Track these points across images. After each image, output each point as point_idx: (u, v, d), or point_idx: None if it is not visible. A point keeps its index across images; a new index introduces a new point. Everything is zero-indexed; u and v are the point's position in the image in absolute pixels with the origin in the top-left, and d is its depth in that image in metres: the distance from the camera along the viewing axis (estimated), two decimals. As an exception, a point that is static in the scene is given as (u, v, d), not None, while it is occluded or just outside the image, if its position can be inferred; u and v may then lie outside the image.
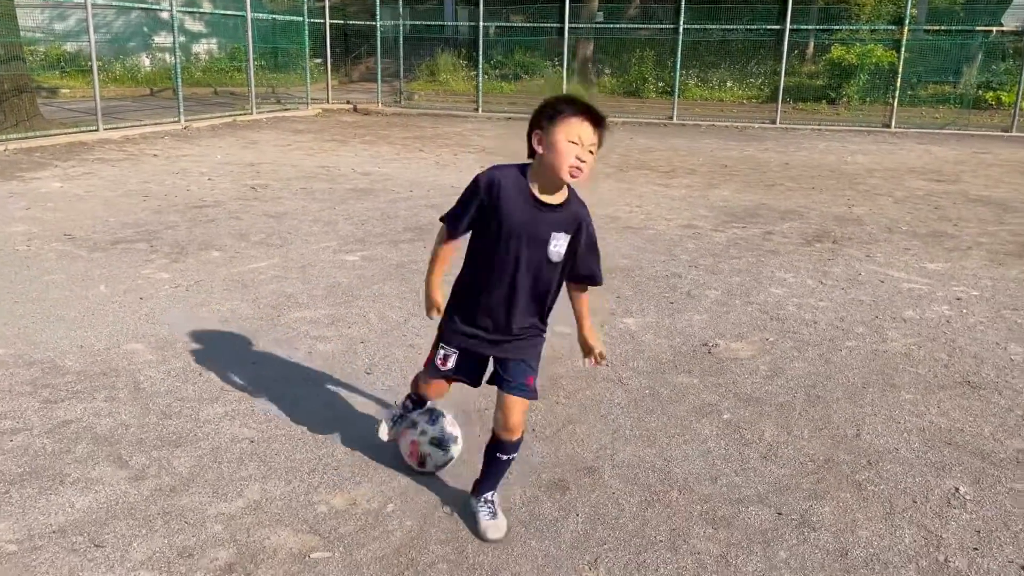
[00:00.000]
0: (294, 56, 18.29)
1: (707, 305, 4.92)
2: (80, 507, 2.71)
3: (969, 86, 18.23)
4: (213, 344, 4.14)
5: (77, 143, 11.22)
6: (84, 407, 3.40)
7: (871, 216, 7.59)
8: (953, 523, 2.73)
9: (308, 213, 7.16)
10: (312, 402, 3.51)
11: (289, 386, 3.67)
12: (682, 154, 11.72)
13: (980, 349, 4.30)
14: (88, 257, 5.63)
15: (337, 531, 2.62)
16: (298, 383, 3.70)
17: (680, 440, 3.26)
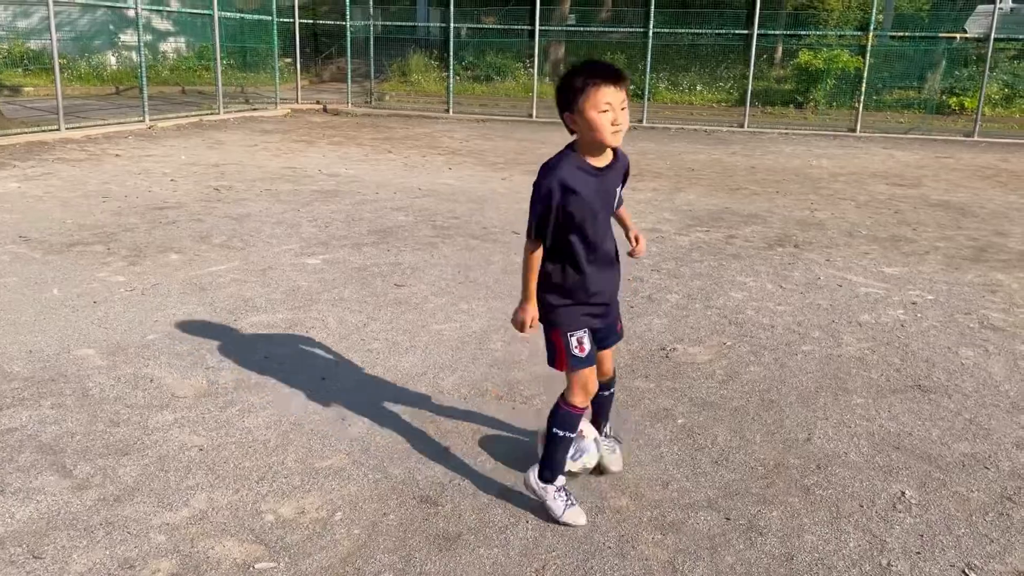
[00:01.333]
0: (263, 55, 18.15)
1: (667, 309, 4.95)
2: (20, 517, 2.66)
3: (933, 91, 18.52)
4: (166, 349, 4.08)
5: (37, 143, 11.03)
6: (29, 414, 3.34)
7: (833, 220, 7.67)
8: (897, 527, 2.76)
9: (271, 215, 7.10)
10: (265, 409, 3.48)
11: (242, 392, 3.63)
12: (650, 157, 11.78)
13: (932, 353, 4.36)
14: (43, 260, 5.53)
15: (283, 540, 2.59)
16: (252, 389, 3.66)
17: (634, 445, 3.27)
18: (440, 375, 3.89)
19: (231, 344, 4.18)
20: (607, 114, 2.48)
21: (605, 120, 2.49)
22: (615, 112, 2.49)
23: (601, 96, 2.47)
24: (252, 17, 18.16)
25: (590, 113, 2.49)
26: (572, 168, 2.57)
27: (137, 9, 13.43)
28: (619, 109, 2.50)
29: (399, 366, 3.97)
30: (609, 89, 2.48)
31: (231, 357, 4.01)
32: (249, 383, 3.72)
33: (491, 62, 22.42)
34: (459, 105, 17.67)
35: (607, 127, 2.49)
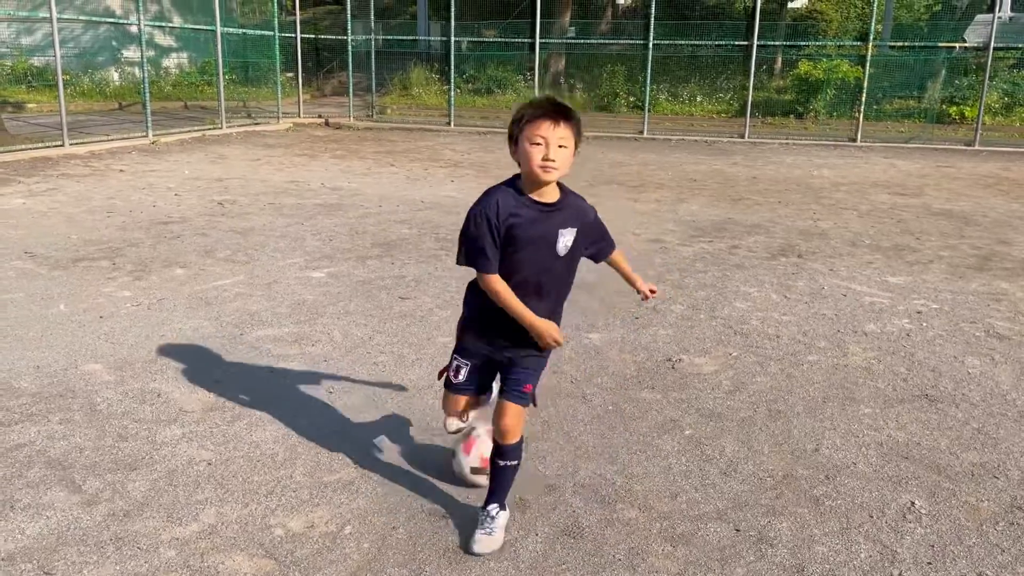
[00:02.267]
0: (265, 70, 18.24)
1: (672, 320, 4.95)
2: (30, 533, 2.66)
3: (933, 101, 18.58)
4: (173, 364, 4.09)
5: (42, 159, 11.08)
6: (38, 430, 3.34)
7: (836, 230, 7.68)
8: (908, 537, 2.76)
9: (275, 229, 7.12)
10: (273, 423, 3.48)
11: (249, 406, 3.63)
12: (652, 168, 11.81)
13: (939, 362, 4.36)
14: (48, 275, 5.55)
15: (293, 555, 2.59)
16: (259, 403, 3.66)
17: (642, 457, 3.27)
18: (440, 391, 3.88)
19: (238, 358, 4.18)
20: (539, 147, 2.48)
21: (535, 152, 2.48)
22: (548, 148, 2.47)
23: (536, 129, 2.48)
24: (254, 32, 18.27)
25: (523, 141, 2.50)
26: (513, 197, 2.56)
27: (140, 25, 13.51)
28: (554, 146, 2.47)
29: (406, 378, 3.98)
30: (545, 123, 2.48)
31: (238, 371, 4.02)
32: (256, 397, 3.72)
33: (492, 75, 22.52)
34: (460, 118, 17.74)
35: (535, 158, 2.48)
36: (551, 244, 2.61)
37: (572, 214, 2.65)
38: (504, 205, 2.54)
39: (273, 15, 17.41)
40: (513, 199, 2.56)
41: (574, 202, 2.69)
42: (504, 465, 2.70)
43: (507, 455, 2.68)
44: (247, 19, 23.93)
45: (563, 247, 2.63)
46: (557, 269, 2.66)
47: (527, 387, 2.69)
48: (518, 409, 2.67)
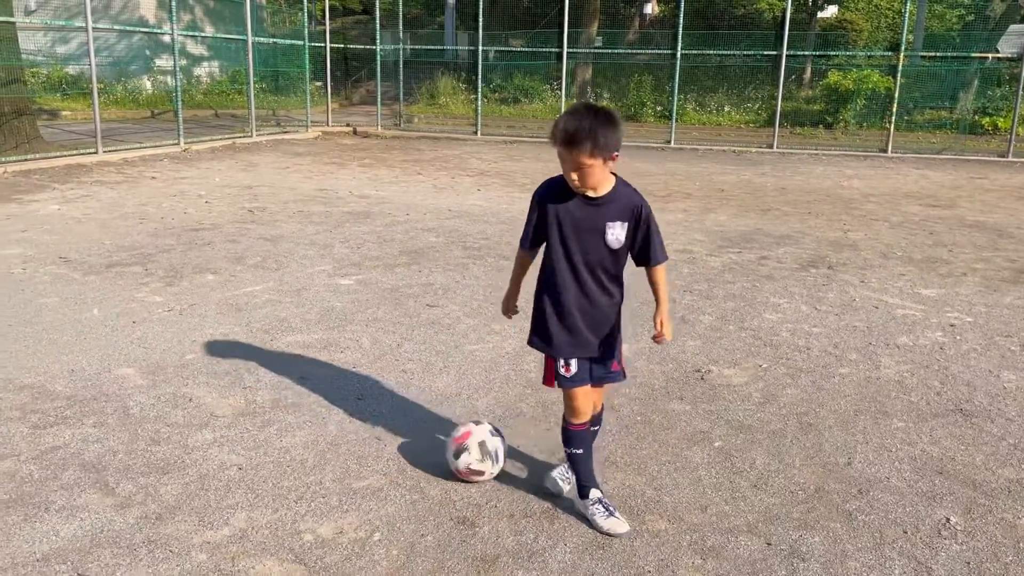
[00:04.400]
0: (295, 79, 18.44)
1: (701, 331, 4.92)
2: (65, 535, 2.69)
3: (965, 111, 18.35)
4: (204, 369, 4.13)
5: (76, 165, 11.27)
6: (72, 433, 3.39)
7: (866, 241, 7.60)
8: (943, 554, 2.71)
9: (304, 236, 7.18)
10: (302, 428, 3.50)
11: (280, 412, 3.65)
12: (679, 178, 11.76)
13: (973, 376, 4.29)
14: (82, 280, 5.63)
15: (323, 560, 2.60)
16: (289, 409, 3.69)
17: (671, 468, 3.25)
18: (475, 396, 3.90)
19: (268, 364, 4.22)
20: (565, 166, 2.64)
21: (566, 171, 2.65)
22: (570, 169, 2.62)
23: (560, 154, 2.63)
24: (284, 42, 18.48)
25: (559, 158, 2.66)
26: (560, 186, 2.72)
27: (173, 35, 13.72)
28: (572, 168, 2.61)
29: (434, 387, 3.98)
30: (563, 151, 2.61)
31: (268, 377, 4.05)
32: (286, 403, 3.75)
33: (518, 84, 22.59)
34: (487, 127, 17.80)
35: (568, 176, 2.65)
36: (599, 234, 2.72)
37: (622, 207, 2.73)
38: (549, 193, 2.75)
39: (303, 25, 17.61)
40: (560, 188, 2.72)
41: (626, 196, 2.75)
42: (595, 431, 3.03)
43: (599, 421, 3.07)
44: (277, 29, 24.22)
45: (614, 239, 2.73)
46: (611, 262, 2.77)
47: (615, 367, 2.93)
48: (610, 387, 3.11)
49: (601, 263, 2.77)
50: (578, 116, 2.60)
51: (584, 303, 2.80)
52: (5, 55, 11.67)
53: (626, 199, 2.74)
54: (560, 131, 2.61)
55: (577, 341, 2.82)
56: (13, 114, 11.86)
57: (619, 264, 2.81)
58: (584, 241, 2.74)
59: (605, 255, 2.75)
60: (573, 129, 2.58)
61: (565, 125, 2.60)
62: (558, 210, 2.73)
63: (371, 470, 3.16)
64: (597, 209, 2.71)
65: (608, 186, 2.72)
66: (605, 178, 2.68)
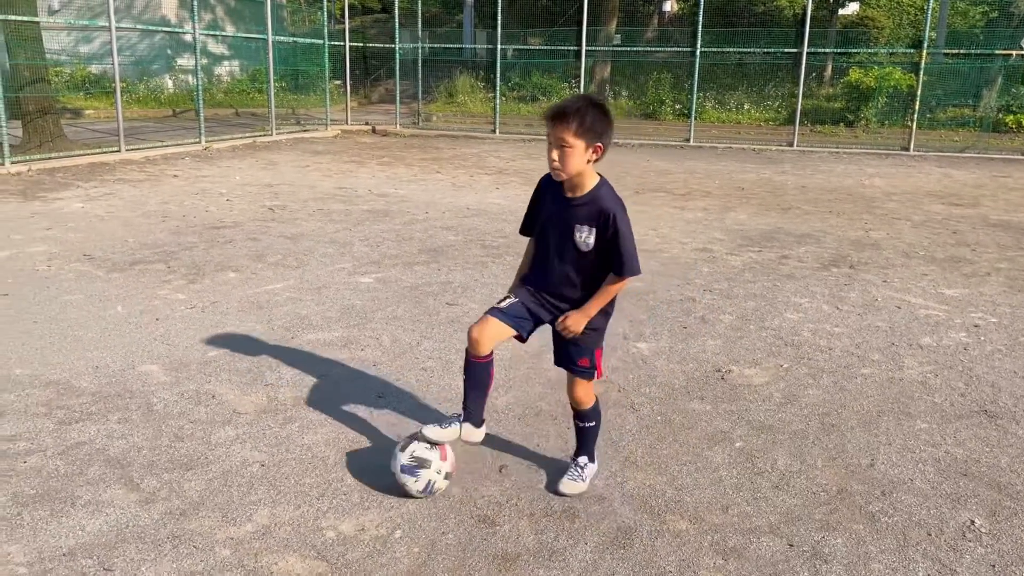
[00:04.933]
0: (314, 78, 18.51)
1: (721, 330, 4.90)
2: (90, 530, 2.72)
3: (989, 109, 18.14)
4: (227, 366, 4.16)
5: (99, 164, 11.38)
6: (97, 429, 3.43)
7: (888, 240, 7.54)
8: (968, 556, 2.69)
9: (324, 234, 7.22)
10: (323, 426, 3.52)
11: (301, 409, 3.68)
12: (698, 176, 11.71)
13: (998, 378, 4.24)
14: (106, 277, 5.69)
15: (344, 557, 2.61)
16: (310, 406, 3.71)
17: (692, 468, 3.24)
18: (495, 394, 3.89)
19: (289, 361, 4.24)
20: (549, 147, 2.70)
21: (548, 150, 2.70)
22: (552, 149, 2.68)
23: (547, 132, 2.71)
24: (304, 41, 18.56)
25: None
26: (549, 182, 2.84)
27: (195, 34, 13.82)
28: (554, 146, 2.67)
29: (454, 385, 3.99)
30: (547, 124, 2.69)
31: (289, 374, 4.07)
32: (308, 400, 3.77)
33: (537, 82, 22.57)
34: (505, 125, 17.80)
35: (548, 157, 2.71)
36: (568, 235, 2.78)
37: (593, 211, 2.75)
38: (545, 183, 2.88)
39: (322, 24, 17.68)
40: (551, 185, 2.83)
41: (600, 200, 2.74)
42: (583, 426, 3.03)
43: (585, 418, 3.02)
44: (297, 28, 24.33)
45: (583, 243, 2.77)
46: (582, 263, 2.80)
47: (582, 361, 2.92)
48: (581, 383, 2.97)
49: (573, 262, 2.81)
50: (574, 99, 2.71)
51: (553, 293, 2.88)
52: (29, 54, 11.81)
53: (599, 203, 2.73)
54: (552, 106, 2.71)
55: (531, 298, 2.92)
56: (37, 113, 12.00)
57: (591, 267, 2.80)
58: (558, 237, 2.81)
59: (576, 256, 2.80)
60: (563, 105, 2.67)
61: (559, 102, 2.70)
62: (546, 201, 2.85)
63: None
64: (570, 209, 2.76)
65: (588, 186, 2.74)
66: (584, 169, 2.69)
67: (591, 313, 2.84)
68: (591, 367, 2.95)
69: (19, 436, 3.34)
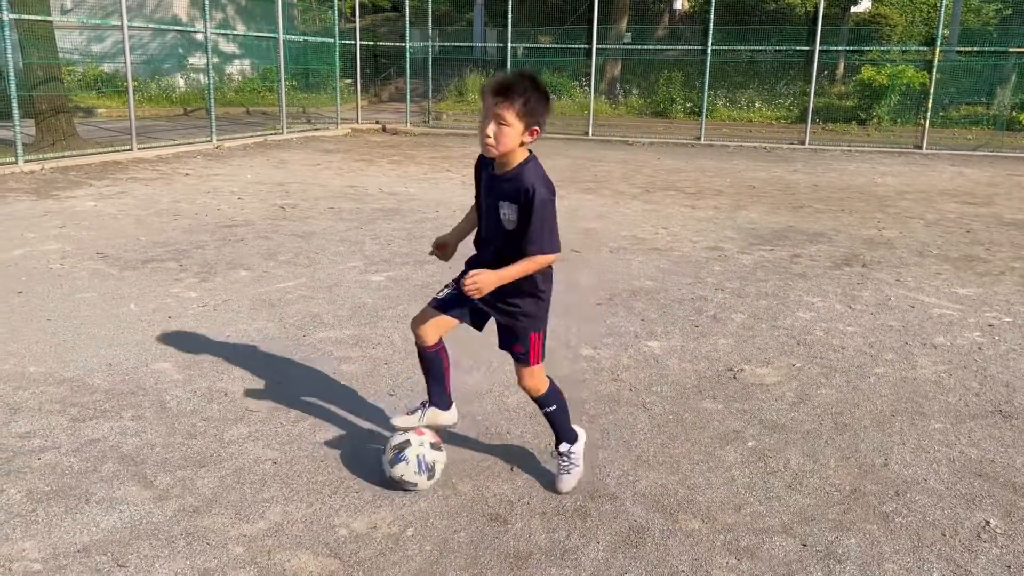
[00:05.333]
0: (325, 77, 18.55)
1: (733, 329, 4.88)
2: (105, 527, 2.74)
3: (1003, 107, 18.01)
4: (239, 364, 4.17)
5: (111, 162, 11.44)
6: (111, 426, 3.45)
7: (901, 239, 7.50)
8: (983, 557, 2.67)
9: (335, 233, 7.23)
10: (335, 423, 3.53)
11: (313, 407, 3.69)
12: (709, 175, 11.68)
13: (1012, 377, 4.21)
14: (119, 275, 5.72)
15: (357, 555, 2.62)
16: (322, 404, 3.72)
17: (704, 467, 3.23)
18: (505, 393, 3.90)
19: (301, 359, 4.25)
20: (483, 121, 2.64)
21: (482, 124, 2.64)
22: (488, 123, 2.61)
23: (483, 104, 2.65)
24: (315, 40, 18.60)
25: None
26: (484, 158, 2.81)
27: (206, 33, 13.87)
28: (491, 120, 2.59)
29: (465, 384, 3.99)
30: (487, 99, 2.61)
31: (301, 372, 4.08)
32: (319, 398, 3.78)
33: (547, 81, 22.47)
34: (516, 124, 17.76)
35: (481, 135, 2.66)
36: (494, 210, 2.75)
37: (514, 188, 2.69)
38: (482, 158, 2.82)
39: (333, 23, 17.71)
40: (484, 159, 2.81)
41: (524, 177, 2.68)
42: (547, 412, 3.00)
43: (545, 403, 2.98)
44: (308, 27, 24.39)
45: (507, 220, 2.71)
46: (509, 241, 2.75)
47: (517, 347, 2.90)
48: (526, 370, 2.93)
49: (501, 239, 2.78)
50: (517, 76, 2.63)
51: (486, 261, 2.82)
52: (42, 53, 11.88)
53: (522, 179, 2.67)
54: (496, 80, 2.64)
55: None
56: (50, 112, 12.07)
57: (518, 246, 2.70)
58: (488, 213, 2.80)
59: (503, 233, 2.76)
60: (510, 82, 2.61)
61: (503, 77, 2.64)
62: (482, 176, 2.84)
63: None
64: (497, 184, 2.74)
65: (515, 162, 2.70)
66: (516, 148, 2.66)
67: (501, 277, 2.68)
68: (525, 352, 2.90)
69: (34, 433, 3.36)
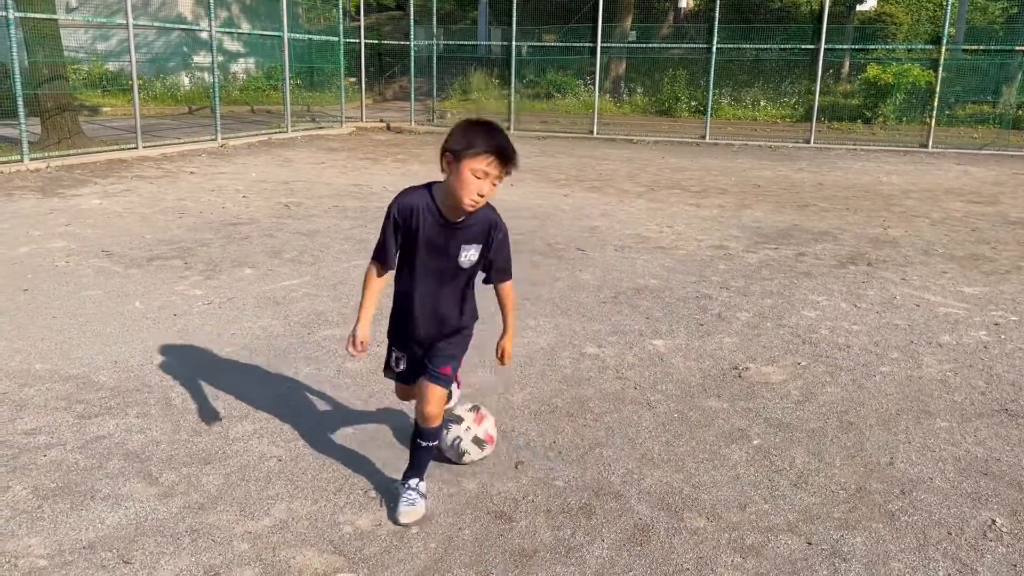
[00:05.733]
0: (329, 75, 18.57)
1: (738, 328, 4.88)
2: (110, 523, 2.74)
3: (1009, 106, 17.95)
4: (244, 361, 4.18)
5: (117, 160, 11.47)
6: (116, 423, 3.45)
7: (907, 238, 7.48)
8: (989, 556, 2.66)
9: (340, 231, 7.23)
10: (340, 421, 3.53)
11: (318, 405, 3.69)
12: (714, 174, 11.66)
13: (1018, 376, 4.20)
14: (124, 273, 5.73)
15: (362, 552, 2.62)
16: (327, 402, 3.72)
17: (709, 466, 3.22)
18: (509, 391, 3.90)
19: (306, 357, 4.26)
20: (479, 182, 2.55)
21: (473, 184, 2.55)
22: (486, 182, 2.56)
23: (482, 164, 2.54)
24: (319, 38, 18.61)
25: (465, 169, 2.55)
26: (425, 206, 2.66)
27: (211, 31, 13.88)
28: (491, 184, 2.58)
29: (469, 382, 3.99)
30: (493, 163, 2.55)
31: (306, 370, 4.09)
32: (324, 396, 3.78)
33: (552, 79, 22.54)
34: (520, 122, 17.78)
35: (471, 190, 2.56)
36: (452, 256, 2.72)
37: (480, 231, 2.73)
38: (408, 212, 2.66)
39: (338, 21, 17.72)
40: (425, 206, 2.67)
41: (484, 217, 2.72)
42: (425, 446, 2.85)
43: (428, 437, 2.84)
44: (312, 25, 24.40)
45: (466, 260, 2.74)
46: (457, 278, 2.78)
47: (445, 369, 2.81)
48: (441, 393, 2.81)
49: (452, 282, 2.78)
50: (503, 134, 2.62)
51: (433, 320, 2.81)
52: (48, 52, 11.90)
53: (487, 221, 2.73)
54: (506, 147, 2.57)
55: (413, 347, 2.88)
56: (56, 110, 12.09)
57: (467, 281, 2.83)
58: (439, 261, 2.73)
59: (451, 275, 2.76)
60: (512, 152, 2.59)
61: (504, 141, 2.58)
62: (421, 228, 2.67)
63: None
64: (457, 232, 2.69)
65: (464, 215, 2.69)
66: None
67: (515, 333, 2.90)
68: (452, 376, 2.86)
69: (39, 430, 3.37)
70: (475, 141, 2.55)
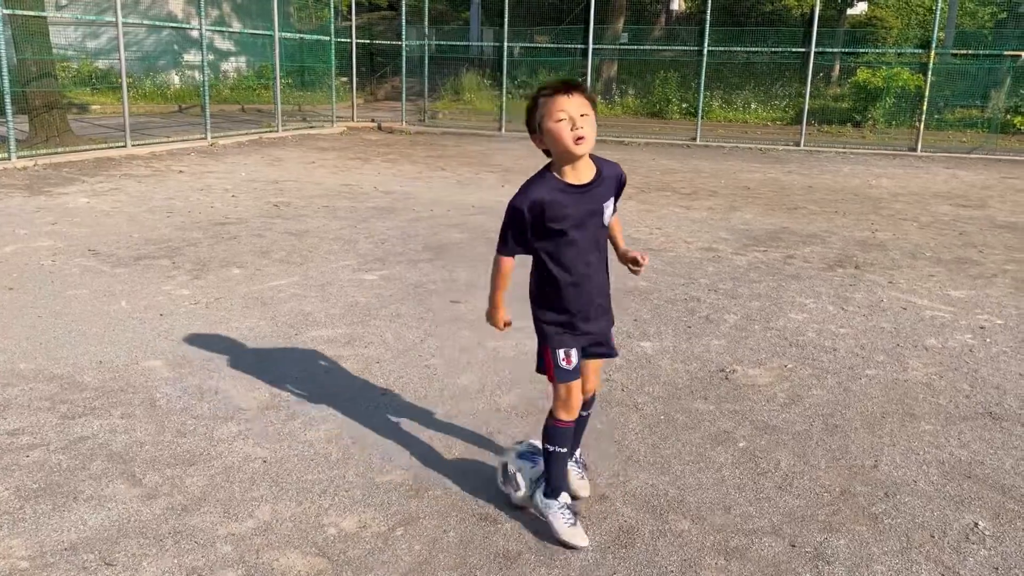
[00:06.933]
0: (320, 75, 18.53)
1: (725, 330, 4.89)
2: (92, 524, 2.72)
3: (997, 110, 18.06)
4: (230, 362, 4.16)
5: (105, 159, 11.41)
6: (100, 423, 3.43)
7: (895, 241, 7.51)
8: (971, 559, 2.67)
9: (329, 231, 7.22)
10: (326, 422, 3.52)
11: (304, 406, 3.68)
12: (704, 176, 11.69)
13: (1003, 380, 4.22)
14: (111, 273, 5.70)
15: (346, 554, 2.61)
16: (313, 403, 3.71)
17: (694, 468, 3.23)
18: (497, 392, 3.90)
19: (293, 358, 4.24)
20: (564, 123, 2.52)
21: (564, 128, 2.52)
22: (572, 120, 2.51)
23: (555, 106, 2.52)
24: (311, 37, 18.57)
25: (548, 125, 2.54)
26: (548, 188, 2.61)
27: (201, 30, 13.83)
28: (577, 116, 2.51)
29: (457, 383, 3.99)
30: (561, 98, 2.52)
31: (293, 371, 4.07)
32: (310, 396, 3.77)
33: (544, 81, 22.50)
34: (511, 123, 17.77)
35: (567, 134, 2.52)
36: (599, 222, 2.68)
37: (610, 185, 2.70)
38: (545, 202, 2.59)
39: (329, 21, 17.69)
40: (553, 190, 2.60)
41: (608, 171, 2.70)
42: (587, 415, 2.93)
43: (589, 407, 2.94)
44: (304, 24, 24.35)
45: (608, 217, 2.72)
46: (602, 239, 2.75)
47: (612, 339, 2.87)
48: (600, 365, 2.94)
49: (603, 246, 2.75)
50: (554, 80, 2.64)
51: (599, 297, 2.75)
52: (36, 49, 11.83)
53: (607, 172, 2.68)
54: (556, 81, 2.59)
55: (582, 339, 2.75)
56: (44, 108, 12.03)
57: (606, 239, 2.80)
58: (592, 231, 2.66)
59: (602, 236, 2.73)
60: (571, 78, 2.59)
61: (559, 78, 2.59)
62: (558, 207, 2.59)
63: (394, 465, 3.17)
64: (590, 193, 2.62)
65: (590, 162, 2.64)
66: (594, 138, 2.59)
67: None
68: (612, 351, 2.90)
69: (22, 430, 3.35)
70: (535, 103, 2.59)
